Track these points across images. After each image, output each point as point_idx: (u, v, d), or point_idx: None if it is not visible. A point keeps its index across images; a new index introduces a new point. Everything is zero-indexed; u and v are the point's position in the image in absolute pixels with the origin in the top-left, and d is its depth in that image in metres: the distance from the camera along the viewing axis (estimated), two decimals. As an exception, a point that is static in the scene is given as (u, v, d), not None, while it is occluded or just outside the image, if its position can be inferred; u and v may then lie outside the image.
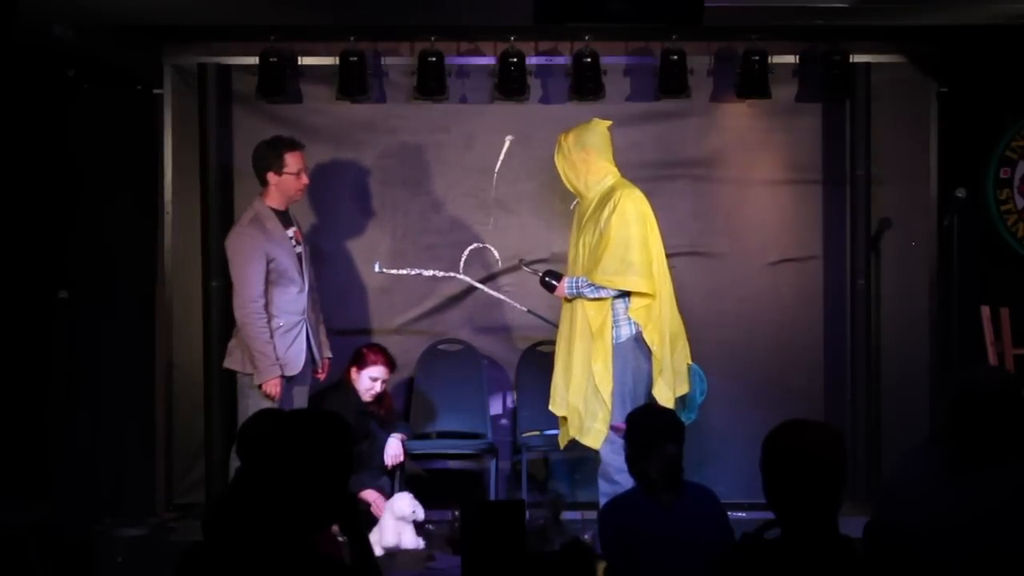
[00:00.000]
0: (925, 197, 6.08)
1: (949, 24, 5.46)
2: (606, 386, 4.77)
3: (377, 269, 5.68)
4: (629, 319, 4.81)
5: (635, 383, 4.84)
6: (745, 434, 5.58)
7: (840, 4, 5.20)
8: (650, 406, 4.09)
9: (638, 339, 4.83)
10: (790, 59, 6.02)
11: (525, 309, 5.59)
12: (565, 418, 4.91)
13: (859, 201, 5.98)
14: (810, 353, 6.13)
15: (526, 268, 5.06)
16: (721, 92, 6.06)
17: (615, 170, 4.95)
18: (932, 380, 6.01)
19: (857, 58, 5.93)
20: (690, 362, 5.02)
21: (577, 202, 4.99)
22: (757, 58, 5.82)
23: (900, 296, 6.11)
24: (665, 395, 4.82)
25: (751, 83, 5.87)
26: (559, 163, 4.95)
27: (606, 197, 4.86)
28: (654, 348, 4.79)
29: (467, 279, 5.56)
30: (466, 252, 5.47)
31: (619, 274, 4.75)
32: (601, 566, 3.76)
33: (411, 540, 5.11)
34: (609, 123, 4.98)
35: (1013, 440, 2.94)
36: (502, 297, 5.67)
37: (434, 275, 5.61)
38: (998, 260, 5.91)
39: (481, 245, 5.59)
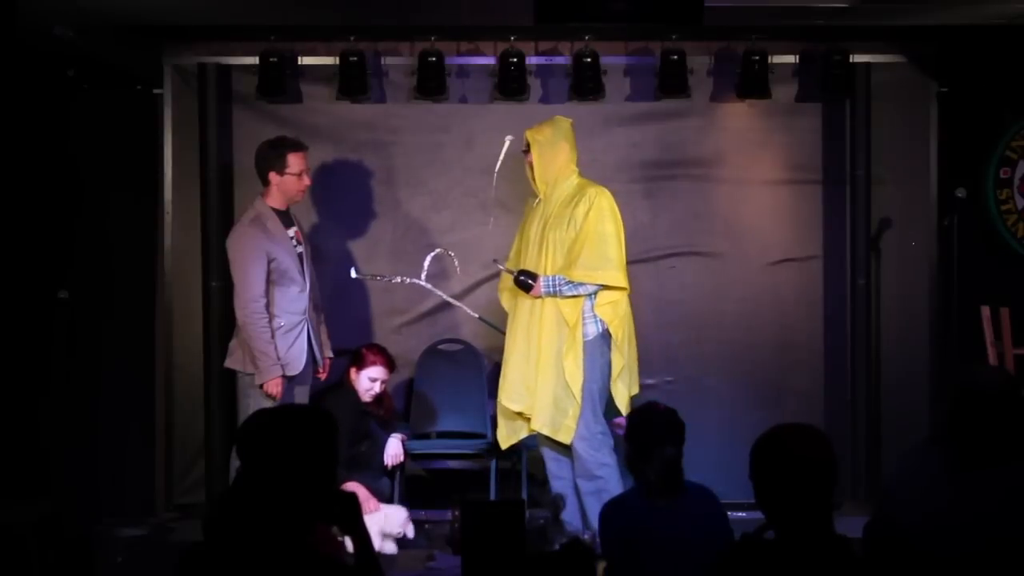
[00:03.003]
0: (925, 197, 6.07)
1: (949, 24, 5.46)
2: (577, 382, 4.86)
3: (353, 275, 5.65)
4: (595, 316, 4.91)
5: (603, 380, 4.95)
6: (745, 434, 5.53)
7: (840, 4, 5.20)
8: (651, 406, 4.09)
9: (604, 336, 4.93)
10: (790, 59, 6.02)
11: (476, 315, 5.61)
12: (520, 414, 4.97)
13: (859, 201, 5.98)
14: (810, 353, 6.12)
15: (500, 267, 5.07)
16: (721, 92, 6.06)
17: (577, 169, 5.03)
18: (932, 380, 6.01)
19: (857, 58, 5.93)
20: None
21: (539, 200, 5.00)
22: (757, 58, 5.82)
23: (900, 296, 6.11)
24: (623, 395, 4.98)
25: (751, 83, 5.86)
26: (536, 157, 4.96)
27: (577, 194, 4.93)
28: (622, 345, 4.91)
29: (427, 285, 5.54)
30: (428, 257, 5.46)
31: (599, 269, 4.84)
32: (601, 566, 3.76)
33: (391, 548, 5.09)
34: (571, 121, 5.06)
35: (1013, 440, 2.94)
36: (458, 304, 5.69)
37: (402, 280, 5.60)
38: (998, 260, 5.92)
39: (441, 250, 5.57)
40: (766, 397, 5.98)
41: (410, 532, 5.13)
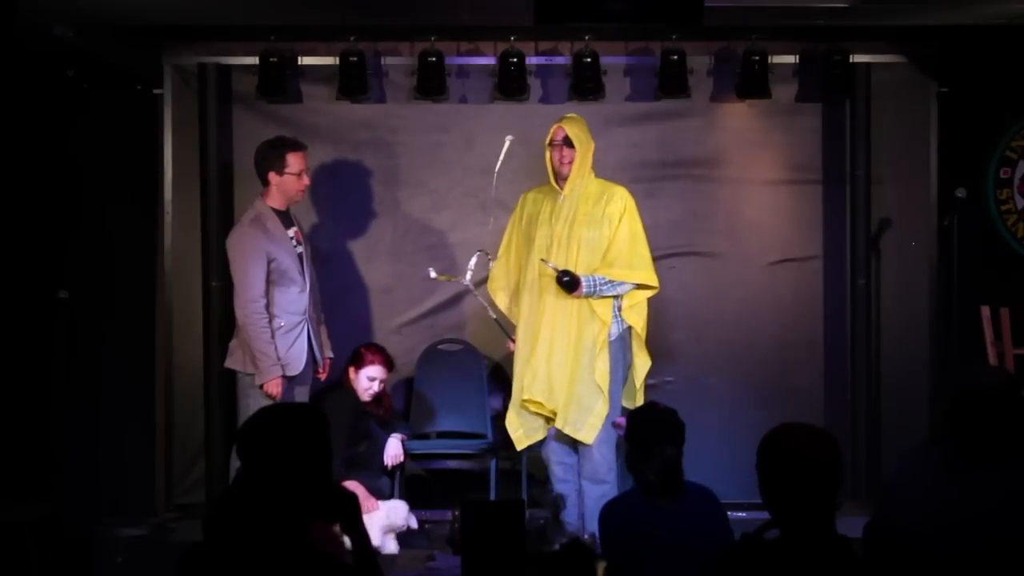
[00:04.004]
0: (925, 197, 6.07)
1: (949, 24, 5.46)
2: (606, 383, 4.88)
3: (432, 275, 5.42)
4: (618, 317, 4.95)
5: (622, 381, 5.01)
6: (745, 434, 5.57)
7: (840, 4, 5.20)
8: (651, 406, 4.10)
9: (623, 337, 4.99)
10: (790, 59, 6.01)
11: (494, 317, 5.57)
12: (553, 413, 4.93)
13: (859, 201, 5.98)
14: (810, 353, 6.12)
15: (551, 266, 4.97)
16: (721, 92, 6.06)
17: None
18: (932, 380, 6.01)
19: (857, 58, 5.93)
20: None
21: (564, 196, 4.98)
22: (757, 58, 5.82)
23: (900, 296, 6.10)
24: (641, 397, 5.06)
25: (751, 83, 5.86)
26: (579, 153, 4.94)
27: (604, 193, 4.96)
28: (645, 345, 5.01)
29: (471, 286, 5.43)
30: (473, 259, 5.35)
31: (638, 268, 4.92)
32: (601, 566, 3.76)
33: (393, 547, 5.09)
34: None
35: (1013, 439, 2.94)
36: (486, 304, 5.57)
37: (459, 280, 5.45)
38: (998, 260, 5.92)
39: (481, 252, 5.44)
40: (766, 397, 5.97)
41: (413, 523, 5.13)
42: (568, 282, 4.86)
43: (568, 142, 4.94)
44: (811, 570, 2.49)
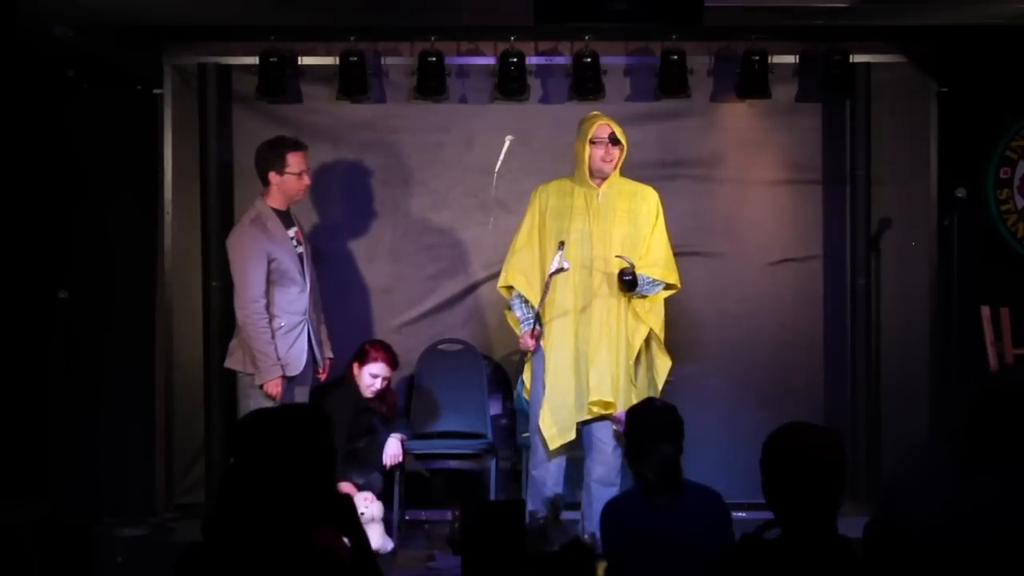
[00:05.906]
0: (925, 197, 6.07)
1: (949, 24, 5.46)
2: (634, 380, 4.95)
3: (565, 266, 4.93)
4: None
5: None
6: (745, 434, 5.58)
7: (840, 4, 5.20)
8: (648, 403, 4.10)
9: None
10: (790, 59, 6.01)
11: (536, 308, 5.50)
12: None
13: (859, 201, 5.98)
14: (810, 353, 6.12)
15: (629, 262, 4.89)
16: (721, 92, 6.06)
17: None
18: (932, 380, 6.01)
19: (857, 58, 5.93)
20: None
21: (602, 195, 4.95)
22: (757, 58, 5.82)
23: (900, 296, 6.10)
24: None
25: (751, 83, 5.86)
26: (623, 150, 4.95)
27: (636, 191, 4.98)
28: (663, 345, 5.01)
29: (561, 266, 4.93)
30: (558, 257, 4.89)
31: (672, 269, 4.97)
32: (601, 566, 3.76)
33: (378, 541, 5.08)
34: None
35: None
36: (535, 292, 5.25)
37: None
38: (998, 260, 5.92)
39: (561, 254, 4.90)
40: (766, 397, 5.97)
41: (388, 547, 5.14)
42: (630, 281, 4.86)
43: (615, 140, 4.92)
44: (811, 570, 2.49)
